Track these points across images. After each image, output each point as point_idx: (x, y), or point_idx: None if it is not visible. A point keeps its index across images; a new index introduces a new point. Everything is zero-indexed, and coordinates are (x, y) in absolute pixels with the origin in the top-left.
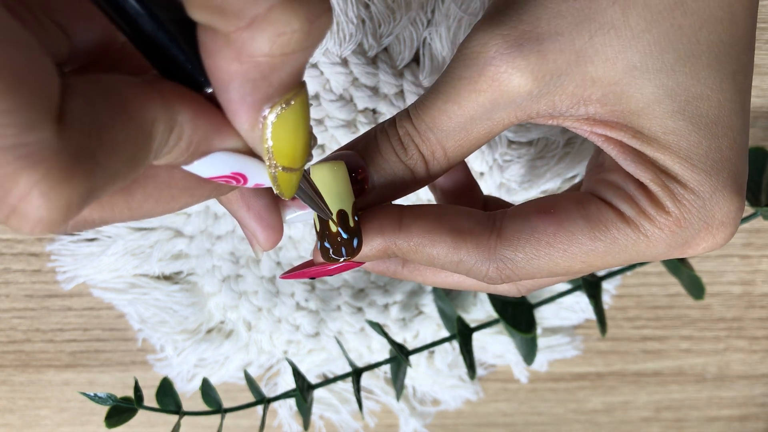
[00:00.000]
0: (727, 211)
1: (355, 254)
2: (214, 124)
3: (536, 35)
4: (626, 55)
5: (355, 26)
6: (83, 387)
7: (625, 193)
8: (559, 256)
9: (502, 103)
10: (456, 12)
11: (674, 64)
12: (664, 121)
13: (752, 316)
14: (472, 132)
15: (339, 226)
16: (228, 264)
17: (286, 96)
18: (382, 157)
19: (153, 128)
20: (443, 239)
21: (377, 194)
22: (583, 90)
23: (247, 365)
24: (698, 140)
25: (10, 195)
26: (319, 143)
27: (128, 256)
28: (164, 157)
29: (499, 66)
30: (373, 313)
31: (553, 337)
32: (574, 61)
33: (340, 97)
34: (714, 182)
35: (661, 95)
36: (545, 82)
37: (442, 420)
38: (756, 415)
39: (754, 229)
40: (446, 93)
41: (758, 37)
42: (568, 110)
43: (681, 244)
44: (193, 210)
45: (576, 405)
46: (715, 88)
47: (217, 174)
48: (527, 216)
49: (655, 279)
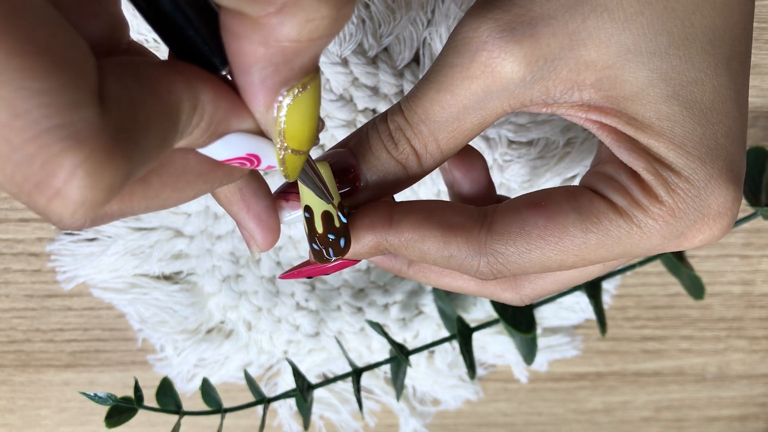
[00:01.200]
0: (723, 201)
1: (343, 254)
2: (232, 104)
3: (528, 19)
4: (619, 37)
5: (355, 26)
6: (83, 387)
7: (618, 184)
8: (551, 249)
9: (495, 91)
10: (456, 12)
11: (668, 47)
12: (658, 106)
13: (752, 316)
14: (465, 122)
15: (324, 226)
16: (228, 264)
17: (303, 80)
18: (373, 154)
19: (180, 107)
20: (433, 234)
21: (370, 192)
22: (576, 74)
23: (247, 365)
24: (692, 126)
25: (55, 178)
26: (320, 143)
27: (128, 256)
28: (186, 138)
29: (491, 51)
30: (373, 313)
31: (553, 337)
32: (567, 45)
33: (340, 97)
34: (708, 170)
35: (655, 79)
36: (538, 67)
37: (442, 420)
38: (756, 415)
39: (754, 229)
40: (438, 82)
41: (758, 37)
42: (562, 96)
43: (676, 235)
44: (193, 210)
45: (576, 405)
46: (709, 73)
47: (232, 156)
48: (518, 209)
49: (655, 279)
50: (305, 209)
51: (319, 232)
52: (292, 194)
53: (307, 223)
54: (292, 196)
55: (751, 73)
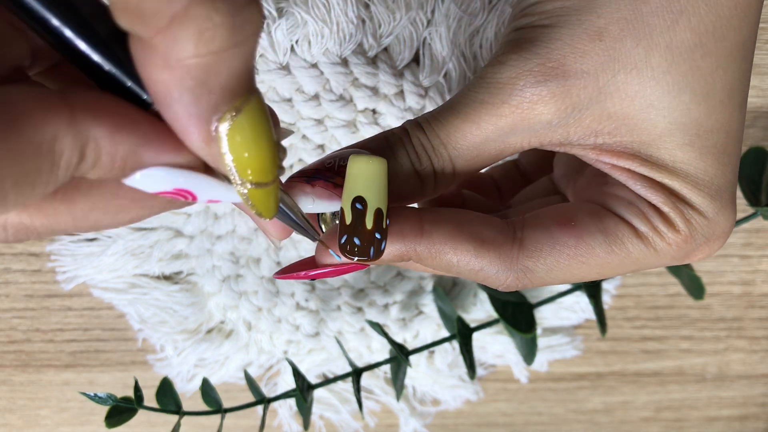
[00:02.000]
0: (725, 226)
1: (380, 257)
2: (142, 138)
3: (563, 72)
4: (644, 93)
5: (355, 26)
6: (83, 387)
7: (639, 210)
8: (577, 267)
9: (520, 129)
10: (456, 12)
11: (689, 103)
12: (674, 152)
13: (752, 316)
14: (484, 152)
15: (375, 223)
16: (228, 264)
17: (234, 103)
18: (397, 162)
19: (54, 145)
20: (466, 248)
21: None
22: (597, 124)
23: (247, 365)
24: (705, 168)
25: None
26: (319, 143)
27: (128, 256)
28: (92, 172)
29: (524, 96)
30: (373, 313)
31: (553, 337)
32: (596, 97)
33: (340, 97)
34: (717, 204)
35: (674, 130)
36: (566, 114)
37: (442, 420)
38: (756, 415)
39: (754, 229)
40: (465, 113)
41: (758, 37)
42: (579, 140)
43: (683, 256)
44: (193, 210)
45: (576, 405)
46: (725, 121)
47: (158, 190)
48: (548, 228)
49: (655, 279)
50: (357, 199)
51: (367, 228)
52: (319, 180)
53: (352, 215)
54: (319, 182)
55: (752, 73)
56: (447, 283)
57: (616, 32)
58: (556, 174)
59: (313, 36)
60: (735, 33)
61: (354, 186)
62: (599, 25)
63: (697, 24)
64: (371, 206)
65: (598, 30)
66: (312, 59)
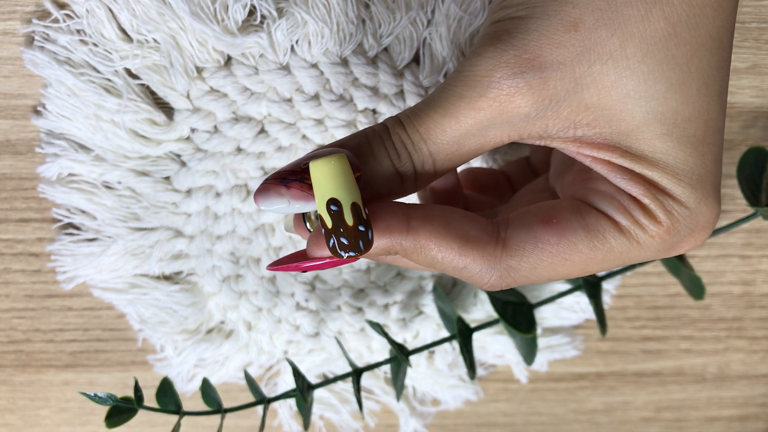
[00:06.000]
0: (709, 217)
1: (370, 247)
2: None
3: (539, 63)
4: (621, 83)
5: (355, 26)
6: (83, 387)
7: (619, 204)
8: (560, 264)
9: (498, 122)
10: (456, 12)
11: (665, 92)
12: (653, 142)
13: (752, 316)
14: (464, 147)
15: (354, 218)
16: (228, 264)
17: None
18: (376, 160)
19: None
20: (450, 245)
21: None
22: (576, 115)
23: (247, 365)
24: (684, 158)
25: None
26: (319, 143)
27: (128, 256)
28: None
29: (502, 89)
30: (373, 313)
31: (553, 337)
32: (572, 89)
33: (340, 97)
34: (699, 194)
35: (651, 119)
36: (543, 106)
37: (442, 420)
38: (756, 415)
39: (754, 229)
40: (444, 107)
41: (758, 37)
42: (558, 132)
43: (668, 248)
44: (193, 210)
45: (576, 405)
46: (702, 110)
47: None
48: (530, 226)
49: (655, 279)
50: (330, 202)
51: (348, 225)
52: (294, 182)
53: (330, 217)
54: (294, 184)
55: (751, 73)
56: (447, 283)
57: (591, 23)
58: (550, 171)
59: (313, 36)
60: (709, 22)
61: (323, 190)
62: (574, 16)
63: (670, 13)
64: (346, 204)
65: (574, 21)
66: (312, 59)
